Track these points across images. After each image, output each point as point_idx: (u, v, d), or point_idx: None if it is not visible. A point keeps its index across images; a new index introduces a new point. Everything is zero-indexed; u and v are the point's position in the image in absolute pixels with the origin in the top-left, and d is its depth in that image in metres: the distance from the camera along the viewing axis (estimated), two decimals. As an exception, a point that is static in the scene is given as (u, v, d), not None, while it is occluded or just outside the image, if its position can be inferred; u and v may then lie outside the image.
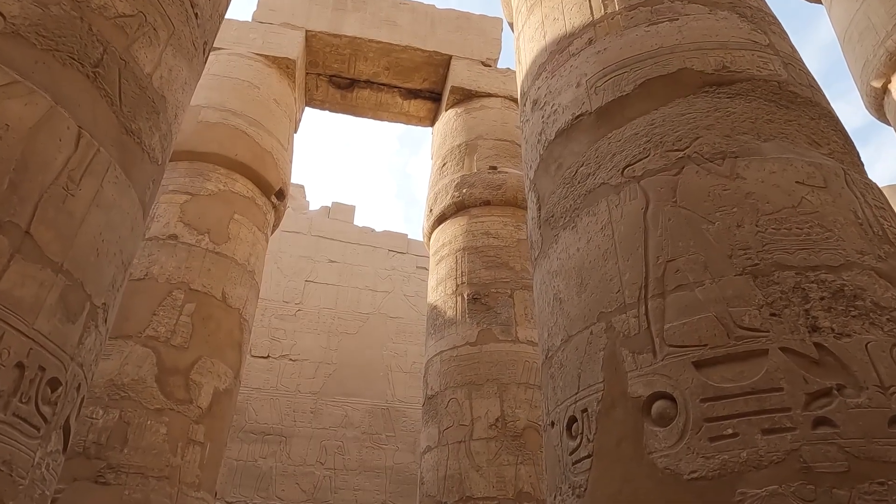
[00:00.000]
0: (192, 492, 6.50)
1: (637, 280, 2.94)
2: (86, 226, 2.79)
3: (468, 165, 9.65)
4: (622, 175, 3.36)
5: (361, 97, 11.97)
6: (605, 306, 3.04)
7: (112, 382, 6.48)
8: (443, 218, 9.47)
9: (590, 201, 3.47)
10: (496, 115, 10.36)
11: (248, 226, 8.45)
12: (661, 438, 2.50)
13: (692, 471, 2.34)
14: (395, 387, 13.69)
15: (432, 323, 8.64)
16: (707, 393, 2.45)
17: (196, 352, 7.12)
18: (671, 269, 2.85)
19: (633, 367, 2.75)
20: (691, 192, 3.04)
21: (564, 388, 3.15)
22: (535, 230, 4.07)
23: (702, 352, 2.55)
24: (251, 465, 11.85)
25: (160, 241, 7.57)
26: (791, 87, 3.48)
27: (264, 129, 9.19)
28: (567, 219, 3.61)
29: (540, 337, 3.73)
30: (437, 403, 7.80)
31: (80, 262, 2.74)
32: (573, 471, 2.89)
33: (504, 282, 8.35)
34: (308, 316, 14.11)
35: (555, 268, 3.59)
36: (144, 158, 3.35)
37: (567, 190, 3.73)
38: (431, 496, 7.16)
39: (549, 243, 3.74)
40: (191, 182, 8.16)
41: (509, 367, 7.61)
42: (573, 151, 3.83)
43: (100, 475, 5.97)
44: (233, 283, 7.87)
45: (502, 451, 6.99)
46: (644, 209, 3.13)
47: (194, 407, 6.86)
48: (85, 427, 6.18)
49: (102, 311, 2.98)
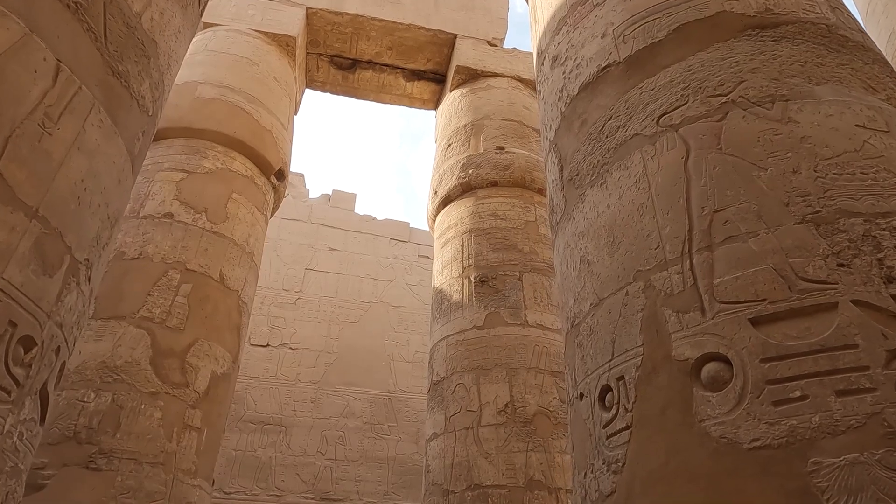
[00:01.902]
0: (188, 479, 6.21)
1: (679, 234, 2.65)
2: (65, 169, 2.49)
3: (474, 146, 9.33)
4: (657, 125, 3.07)
5: (363, 79, 11.64)
6: (642, 264, 2.75)
7: (104, 364, 6.18)
8: (448, 200, 9.16)
9: (620, 155, 3.18)
10: (503, 94, 10.03)
11: (247, 206, 8.13)
12: (715, 404, 2.21)
13: (754, 439, 2.05)
14: (397, 376, 13.39)
15: (438, 307, 8.34)
16: (768, 352, 2.16)
17: (192, 334, 6.82)
18: (719, 219, 2.56)
19: (677, 327, 2.46)
20: (738, 137, 2.75)
21: (595, 356, 2.86)
22: (556, 192, 3.78)
23: (760, 307, 2.26)
24: (250, 456, 11.56)
25: (155, 220, 7.26)
26: (841, 31, 3.19)
27: (264, 107, 8.87)
28: (594, 175, 3.32)
29: (563, 305, 3.45)
30: (443, 389, 7.51)
31: (59, 210, 2.44)
32: (608, 445, 2.61)
33: (512, 264, 8.05)
34: (308, 304, 13.80)
35: (581, 228, 3.30)
36: (133, 105, 3.05)
37: (593, 146, 3.44)
38: (438, 485, 6.88)
39: (574, 204, 3.45)
40: (187, 159, 7.85)
41: (518, 352, 7.32)
42: (599, 105, 3.54)
43: (91, 460, 5.67)
44: (231, 264, 7.57)
45: (512, 437, 6.70)
46: (684, 158, 2.84)
47: (191, 391, 6.56)
48: (76, 410, 5.89)
49: (85, 267, 2.69)
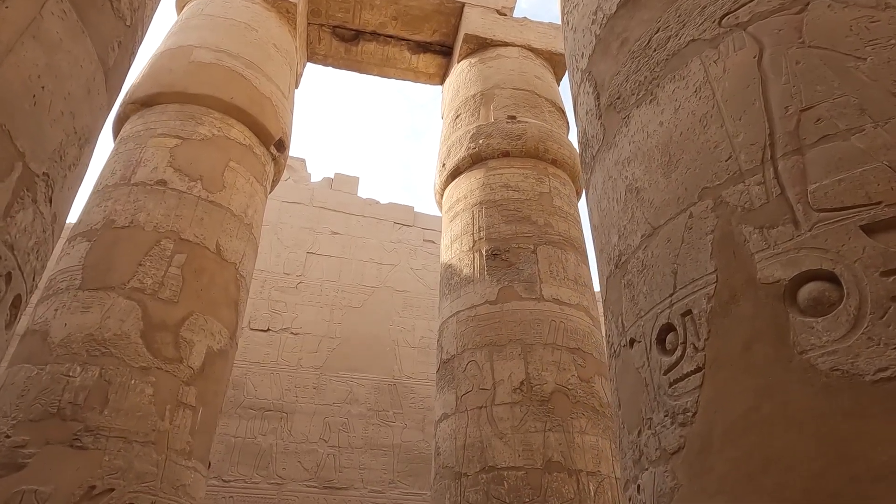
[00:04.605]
0: (181, 460, 5.78)
1: (757, 140, 2.21)
2: (15, 58, 2.05)
3: (484, 115, 8.87)
4: (719, 26, 2.62)
5: (367, 51, 11.18)
6: (709, 180, 2.31)
7: (91, 337, 5.75)
8: (457, 172, 8.70)
9: (674, 66, 2.74)
10: (513, 63, 9.57)
11: (246, 175, 7.69)
12: (821, 331, 1.77)
13: (880, 369, 1.61)
14: (402, 362, 12.95)
15: (447, 283, 7.90)
16: (890, 263, 1.72)
17: (187, 307, 6.38)
18: (808, 118, 2.12)
19: (761, 245, 2.02)
20: (825, 28, 2.29)
21: (650, 294, 2.42)
22: (591, 124, 3.34)
23: (874, 212, 1.82)
24: (250, 443, 11.14)
25: (147, 187, 6.83)
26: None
27: (263, 74, 8.42)
28: (641, 94, 2.88)
29: (603, 246, 3.01)
30: (453, 367, 7.07)
31: (7, 104, 2.00)
32: (671, 393, 2.17)
33: (526, 236, 7.60)
34: (310, 288, 13.36)
35: (626, 154, 2.86)
36: (106, 6, 2.60)
37: (638, 63, 3.00)
38: (449, 467, 6.45)
39: (616, 129, 3.01)
40: (182, 125, 7.41)
41: (534, 327, 6.88)
42: (643, 20, 3.09)
43: (76, 438, 5.25)
44: (228, 235, 7.13)
45: (528, 416, 6.26)
46: (757, 57, 2.39)
47: (185, 367, 6.13)
48: (60, 385, 5.46)
49: (44, 184, 2.25)
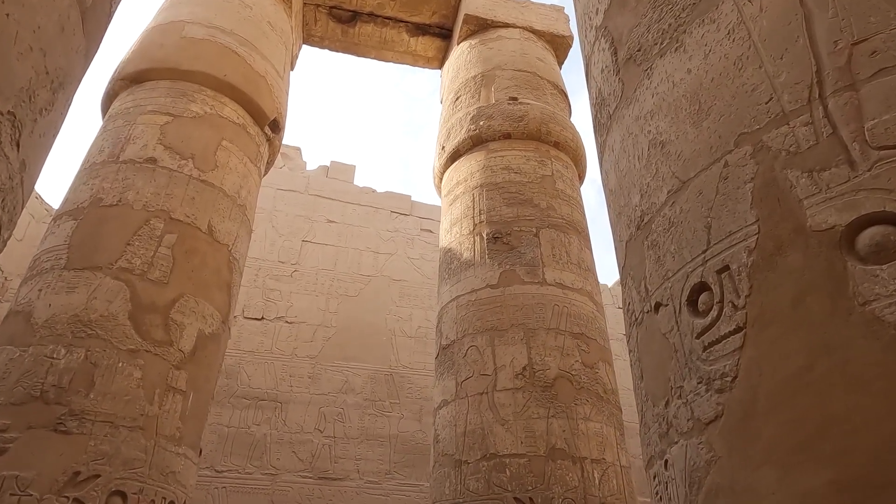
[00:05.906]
0: (171, 446, 5.56)
1: (802, 78, 2.00)
2: (-26, -24, 1.82)
3: (485, 97, 8.65)
4: (753, -36, 2.39)
5: (364, 33, 10.92)
6: (747, 125, 2.10)
7: (77, 318, 5.51)
8: (457, 155, 8.48)
9: (702, 10, 2.53)
10: (515, 45, 9.34)
11: (239, 155, 7.44)
12: (887, 279, 1.56)
13: (962, 318, 1.41)
14: (399, 352, 12.74)
15: (446, 267, 7.69)
16: (967, 201, 1.52)
17: (177, 288, 6.15)
18: (862, 52, 1.91)
19: (811, 190, 1.81)
20: (875, -43, 2.08)
21: (680, 252, 2.21)
22: (608, 81, 3.13)
23: (945, 146, 1.61)
24: (244, 432, 10.91)
25: (136, 165, 6.57)
26: None
27: (258, 52, 8.16)
28: (666, 42, 2.67)
29: (622, 208, 2.80)
30: (453, 353, 6.87)
31: (-37, 27, 1.78)
32: (706, 357, 1.97)
33: (528, 219, 7.39)
34: (305, 277, 13.12)
35: (649, 107, 2.65)
36: (81, -63, 2.37)
37: (660, 12, 2.78)
38: (448, 455, 6.25)
39: (638, 83, 2.80)
40: (173, 102, 7.15)
41: (536, 312, 6.67)
42: (665, -33, 2.87)
43: (60, 422, 5.01)
44: (221, 216, 6.89)
45: (531, 402, 6.06)
46: (799, -8, 2.17)
47: (175, 350, 5.90)
48: (43, 368, 5.22)
49: (10, 124, 2.02)
